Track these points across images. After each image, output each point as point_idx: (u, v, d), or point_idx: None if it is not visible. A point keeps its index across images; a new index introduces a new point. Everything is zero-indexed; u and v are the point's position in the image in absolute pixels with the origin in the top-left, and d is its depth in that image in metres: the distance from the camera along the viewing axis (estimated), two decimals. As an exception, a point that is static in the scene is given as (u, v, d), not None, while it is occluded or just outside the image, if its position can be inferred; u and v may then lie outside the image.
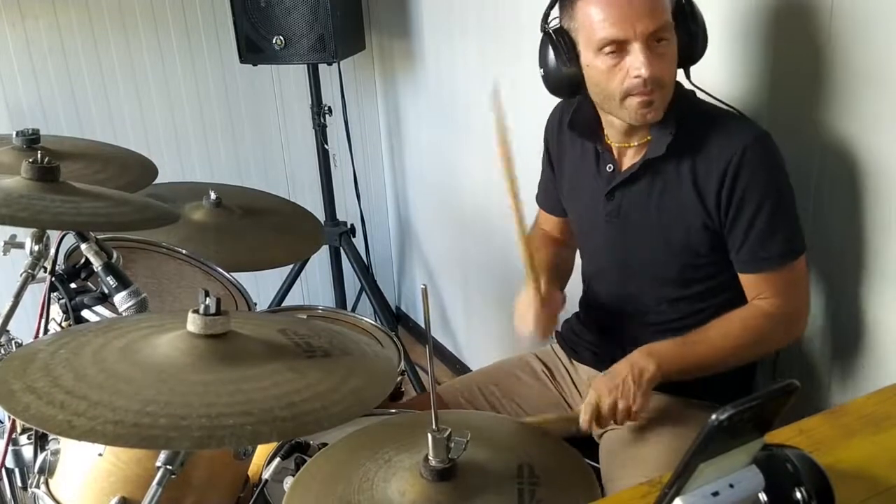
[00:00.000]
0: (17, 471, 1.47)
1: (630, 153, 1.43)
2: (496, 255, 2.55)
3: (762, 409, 0.66)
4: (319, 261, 3.03)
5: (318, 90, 2.67)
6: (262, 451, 1.39)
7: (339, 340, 1.19)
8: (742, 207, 1.31)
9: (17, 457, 1.45)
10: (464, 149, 2.62)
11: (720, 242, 1.37)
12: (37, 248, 1.38)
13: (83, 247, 1.38)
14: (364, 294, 2.89)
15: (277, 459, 1.32)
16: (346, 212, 2.96)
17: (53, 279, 1.40)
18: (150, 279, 1.67)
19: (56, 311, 1.45)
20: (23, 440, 1.44)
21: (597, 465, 1.47)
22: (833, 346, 1.52)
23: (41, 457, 1.26)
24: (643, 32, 1.24)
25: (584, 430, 1.36)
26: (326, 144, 2.73)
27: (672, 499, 0.66)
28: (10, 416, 1.34)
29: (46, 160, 1.34)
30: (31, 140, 1.60)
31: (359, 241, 2.94)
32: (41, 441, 1.35)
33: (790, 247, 1.34)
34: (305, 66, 2.63)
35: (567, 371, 1.65)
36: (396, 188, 3.18)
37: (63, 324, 1.43)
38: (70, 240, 1.46)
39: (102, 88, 2.61)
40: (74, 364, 1.01)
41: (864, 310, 1.44)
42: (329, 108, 2.69)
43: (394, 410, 1.49)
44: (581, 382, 1.62)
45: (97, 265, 1.38)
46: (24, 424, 1.41)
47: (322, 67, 2.67)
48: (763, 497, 0.72)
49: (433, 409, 1.04)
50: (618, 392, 1.32)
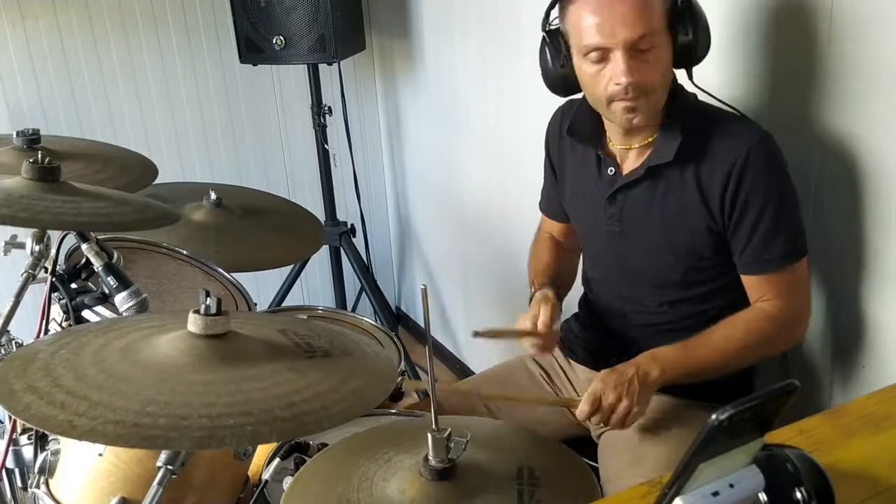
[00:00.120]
0: (18, 471, 1.47)
1: (632, 156, 1.43)
2: (496, 255, 2.55)
3: (762, 409, 0.66)
4: (319, 261, 3.03)
5: (318, 90, 2.67)
6: (262, 452, 1.39)
7: (340, 341, 1.19)
8: (746, 210, 1.31)
9: (18, 457, 1.45)
10: (464, 149, 2.62)
11: (723, 245, 1.37)
12: (37, 249, 1.38)
13: (84, 247, 1.38)
14: (364, 294, 2.89)
15: (277, 459, 1.32)
16: (346, 212, 2.96)
17: (54, 279, 1.40)
18: (151, 279, 1.67)
19: (57, 312, 1.45)
20: (23, 440, 1.44)
21: (596, 466, 1.47)
22: (833, 346, 1.52)
23: (41, 457, 1.26)
24: (625, 41, 1.25)
25: (580, 419, 1.36)
26: (326, 144, 2.73)
27: (672, 499, 0.66)
28: (11, 417, 1.34)
29: (47, 160, 1.34)
30: (32, 140, 1.60)
31: (359, 241, 2.94)
32: (41, 441, 1.35)
33: (793, 248, 1.34)
34: (305, 66, 2.63)
35: (564, 372, 1.65)
36: (396, 188, 3.18)
37: (63, 324, 1.43)
38: (71, 240, 1.46)
39: (102, 88, 2.61)
40: (75, 364, 1.01)
41: (865, 310, 1.44)
42: (329, 108, 2.69)
43: (394, 411, 1.49)
44: (579, 383, 1.61)
45: (98, 265, 1.38)
46: (25, 424, 1.41)
47: (322, 67, 2.67)
48: (763, 497, 0.72)
49: (433, 410, 1.04)
50: (623, 390, 1.32)
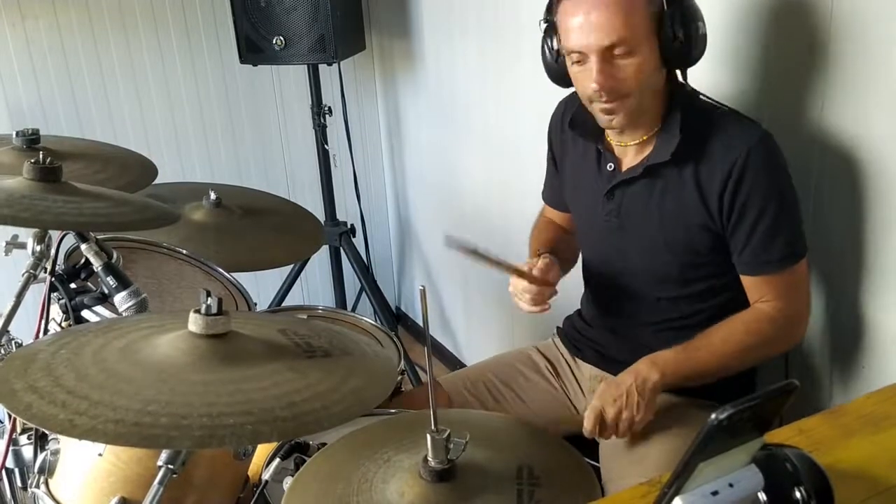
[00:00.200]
0: (17, 471, 1.47)
1: (630, 152, 1.43)
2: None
3: (762, 409, 0.66)
4: (319, 261, 3.03)
5: (318, 90, 2.67)
6: (262, 451, 1.39)
7: (340, 340, 1.19)
8: (745, 210, 1.31)
9: (17, 457, 1.45)
10: (464, 149, 2.62)
11: (721, 243, 1.37)
12: (39, 249, 1.38)
13: (83, 247, 1.38)
14: (364, 294, 2.89)
15: (277, 459, 1.32)
16: (346, 212, 2.96)
17: (53, 279, 1.40)
18: (151, 279, 1.67)
19: (56, 312, 1.45)
20: (23, 440, 1.44)
21: (597, 465, 1.47)
22: (833, 346, 1.52)
23: (41, 457, 1.26)
24: (598, 46, 1.27)
25: (588, 435, 1.37)
26: (326, 144, 2.73)
27: (672, 498, 0.66)
28: (11, 416, 1.34)
29: (48, 160, 1.34)
30: (32, 140, 1.60)
31: (359, 241, 2.94)
32: (41, 441, 1.35)
33: (792, 250, 1.34)
34: (305, 67, 2.63)
35: (570, 367, 1.65)
36: (396, 188, 3.18)
37: (63, 324, 1.43)
38: (70, 240, 1.46)
39: (102, 88, 2.61)
40: (75, 364, 1.01)
41: (865, 310, 1.44)
42: (329, 108, 2.69)
43: (394, 410, 1.49)
44: (584, 379, 1.62)
45: (97, 265, 1.38)
46: (25, 424, 1.41)
47: (322, 67, 2.67)
48: (762, 496, 0.72)
49: (432, 410, 1.04)
50: (622, 402, 1.33)
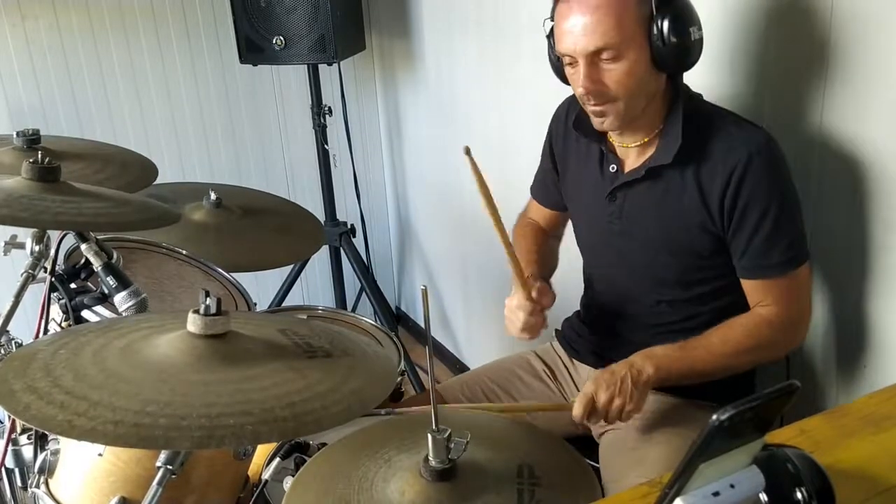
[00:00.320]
0: (17, 471, 1.47)
1: (633, 154, 1.43)
2: (496, 255, 2.52)
3: (763, 410, 0.66)
4: (319, 261, 3.03)
5: (318, 90, 2.67)
6: (262, 451, 1.39)
7: (340, 341, 1.18)
8: (746, 213, 1.31)
9: (17, 457, 1.45)
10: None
11: (722, 246, 1.37)
12: (37, 249, 1.38)
13: (83, 247, 1.38)
14: (364, 294, 2.89)
15: (277, 459, 1.31)
16: (346, 212, 2.96)
17: (53, 279, 1.40)
18: (150, 279, 1.67)
19: (56, 312, 1.45)
20: (23, 440, 1.44)
21: (597, 465, 1.47)
22: (834, 347, 1.52)
23: (41, 457, 1.26)
24: (584, 51, 1.29)
25: (576, 422, 1.36)
26: (326, 144, 2.73)
27: (673, 499, 0.66)
28: (10, 416, 1.34)
29: (47, 160, 1.34)
30: (32, 140, 1.60)
31: (359, 241, 2.94)
32: (41, 441, 1.35)
33: (792, 255, 1.33)
34: (305, 67, 2.63)
35: (567, 370, 1.65)
36: (396, 188, 3.18)
37: (63, 324, 1.43)
38: (70, 240, 1.45)
39: (102, 88, 2.61)
40: (74, 364, 1.01)
41: (865, 310, 1.44)
42: (329, 108, 2.69)
43: (395, 410, 1.49)
44: (582, 381, 1.61)
45: (97, 265, 1.37)
46: (24, 424, 1.41)
47: (322, 67, 2.67)
48: (763, 497, 0.72)
49: (433, 410, 1.04)
50: (615, 389, 1.33)
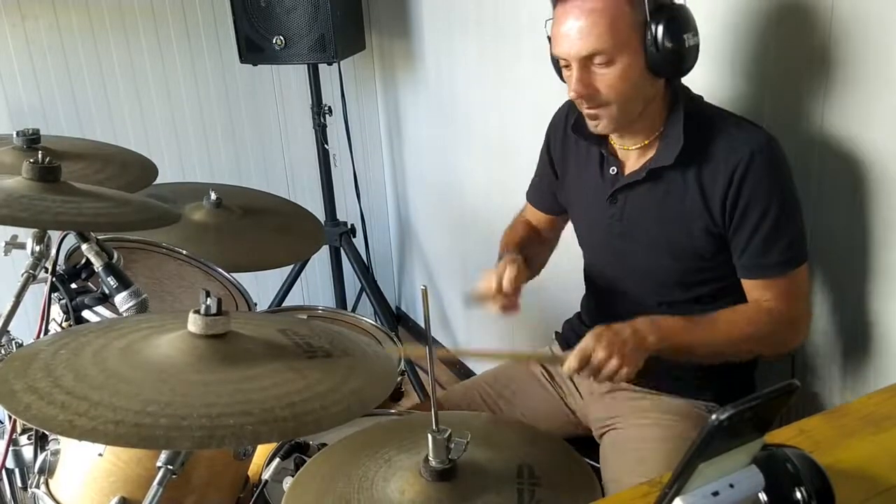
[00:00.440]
0: (17, 471, 1.47)
1: (633, 156, 1.43)
2: (496, 255, 2.54)
3: (762, 409, 0.66)
4: (319, 261, 3.03)
5: (318, 90, 2.67)
6: (262, 451, 1.39)
7: (340, 341, 1.19)
8: (747, 213, 1.31)
9: (18, 457, 1.45)
10: (464, 149, 2.62)
11: (723, 247, 1.37)
12: (38, 249, 1.38)
13: (84, 247, 1.38)
14: (364, 294, 2.89)
15: (277, 459, 1.32)
16: (346, 212, 2.96)
17: (54, 279, 1.40)
18: (151, 279, 1.67)
19: (56, 312, 1.45)
20: (23, 440, 1.44)
21: (597, 465, 1.47)
22: (834, 346, 1.52)
23: (41, 457, 1.26)
24: (577, 55, 1.30)
25: (567, 373, 1.30)
26: (326, 144, 2.73)
27: (672, 498, 0.66)
28: (11, 417, 1.34)
29: (47, 160, 1.34)
30: (32, 140, 1.60)
31: (359, 241, 2.94)
32: (41, 441, 1.35)
33: (791, 255, 1.33)
34: (305, 66, 2.63)
35: (567, 372, 1.65)
36: (396, 188, 3.18)
37: (63, 324, 1.43)
38: (71, 240, 1.46)
39: (102, 88, 2.61)
40: (75, 364, 1.01)
41: (865, 310, 1.44)
42: (329, 108, 2.69)
43: (394, 411, 1.49)
44: (581, 383, 1.61)
45: (98, 265, 1.38)
46: (25, 424, 1.41)
47: (322, 67, 2.66)
48: (763, 497, 0.72)
49: (433, 410, 1.04)
50: (614, 349, 1.26)
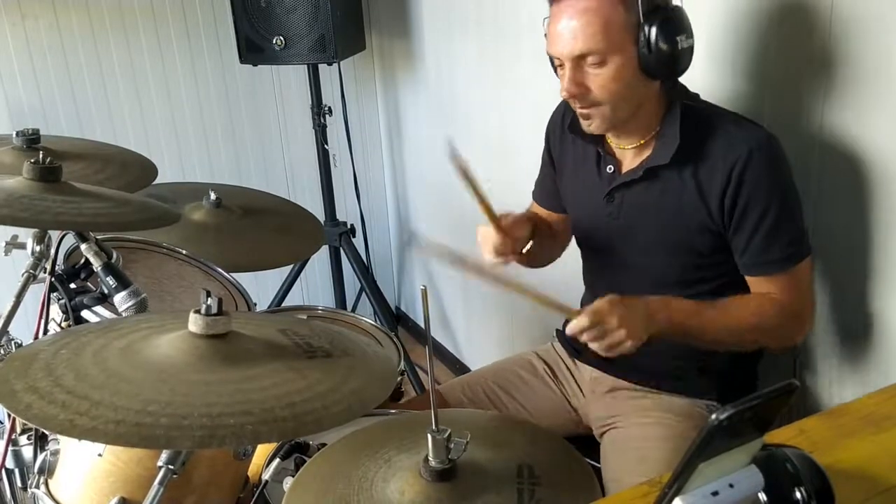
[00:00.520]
0: (17, 471, 1.47)
1: (630, 155, 1.43)
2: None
3: (762, 409, 0.66)
4: (319, 261, 3.03)
5: (318, 90, 2.67)
6: (262, 451, 1.39)
7: (340, 341, 1.19)
8: (747, 211, 1.31)
9: (17, 457, 1.45)
10: (464, 149, 2.60)
11: (721, 244, 1.37)
12: (38, 249, 1.38)
13: (83, 247, 1.38)
14: (364, 294, 2.89)
15: (277, 460, 1.32)
16: (346, 212, 2.96)
17: (53, 279, 1.40)
18: (151, 279, 1.67)
19: (56, 312, 1.45)
20: (23, 440, 1.44)
21: (597, 465, 1.47)
22: (834, 346, 1.52)
23: (41, 457, 1.26)
24: (569, 55, 1.31)
25: (572, 332, 1.29)
26: (326, 144, 2.73)
27: (672, 498, 0.66)
28: (11, 417, 1.34)
29: (48, 160, 1.34)
30: (32, 140, 1.60)
31: (359, 241, 2.94)
32: (41, 441, 1.35)
33: (793, 251, 1.33)
34: (305, 66, 2.63)
35: (569, 370, 1.65)
36: (396, 188, 3.18)
37: (63, 324, 1.43)
38: (70, 240, 1.46)
39: (102, 88, 2.61)
40: (75, 364, 1.01)
41: (865, 309, 1.44)
42: (329, 108, 2.69)
43: (394, 411, 1.49)
44: (583, 381, 1.62)
45: (97, 265, 1.37)
46: (24, 424, 1.41)
47: (322, 67, 2.66)
48: (763, 497, 0.72)
49: (433, 410, 1.04)
50: (625, 321, 1.26)
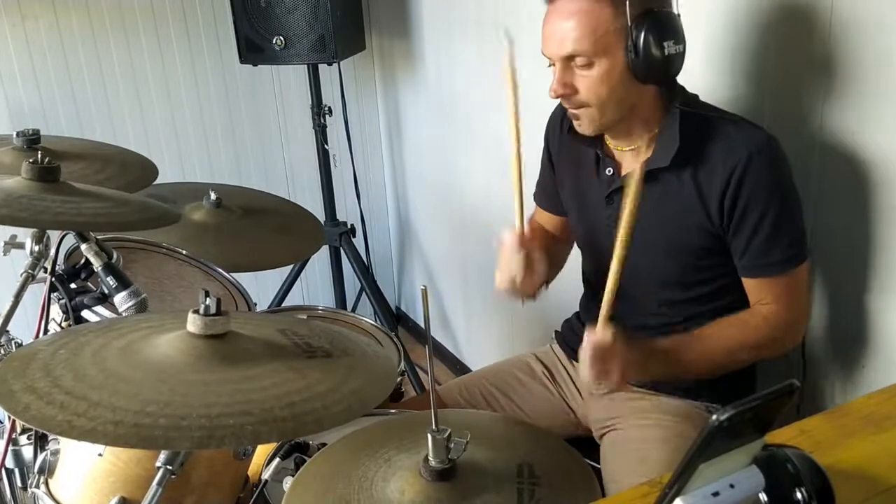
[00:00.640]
0: (17, 471, 1.47)
1: (628, 158, 1.43)
2: (496, 255, 2.54)
3: (762, 410, 0.66)
4: (319, 261, 3.03)
5: (318, 90, 2.67)
6: (262, 451, 1.39)
7: (339, 341, 1.19)
8: (746, 214, 1.31)
9: (17, 457, 1.45)
10: (464, 149, 2.62)
11: (721, 246, 1.37)
12: (37, 249, 1.38)
13: (83, 247, 1.38)
14: (364, 294, 2.89)
15: (277, 459, 1.32)
16: (346, 212, 2.96)
17: (53, 279, 1.40)
18: (151, 279, 1.67)
19: (56, 312, 1.45)
20: (23, 440, 1.44)
21: (597, 466, 1.47)
22: (834, 346, 1.52)
23: (41, 457, 1.26)
24: (558, 55, 1.32)
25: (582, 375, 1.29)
26: (326, 144, 2.73)
27: (672, 499, 0.66)
28: (10, 417, 1.34)
29: (47, 160, 1.34)
30: (32, 140, 1.60)
31: (359, 241, 2.94)
32: (41, 441, 1.35)
33: (793, 253, 1.33)
34: (305, 67, 2.62)
35: (567, 372, 1.65)
36: (396, 188, 3.18)
37: (63, 324, 1.43)
38: (70, 240, 1.46)
39: (102, 88, 2.61)
40: (74, 364, 1.01)
41: (865, 309, 1.44)
42: (329, 108, 2.69)
43: (393, 411, 1.49)
44: (582, 383, 1.61)
45: (97, 265, 1.37)
46: (24, 424, 1.41)
47: (322, 67, 2.66)
48: (763, 497, 0.72)
49: (433, 409, 1.04)
50: (622, 366, 1.26)
